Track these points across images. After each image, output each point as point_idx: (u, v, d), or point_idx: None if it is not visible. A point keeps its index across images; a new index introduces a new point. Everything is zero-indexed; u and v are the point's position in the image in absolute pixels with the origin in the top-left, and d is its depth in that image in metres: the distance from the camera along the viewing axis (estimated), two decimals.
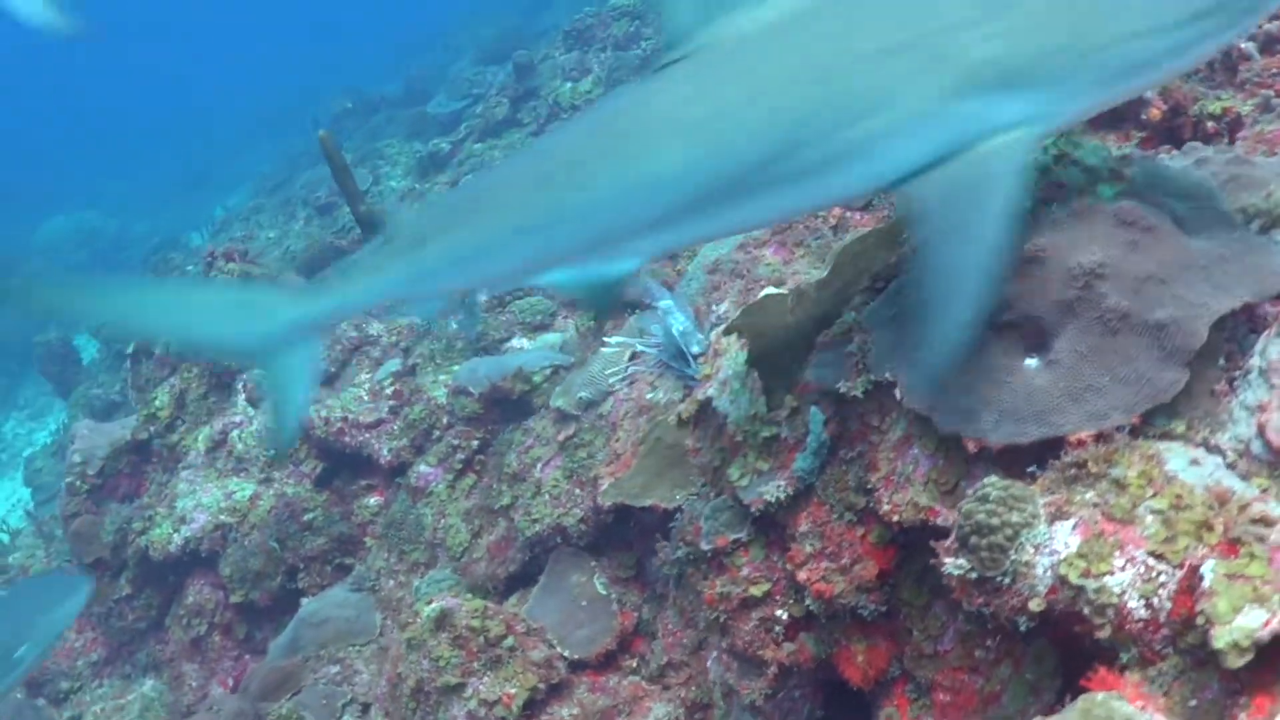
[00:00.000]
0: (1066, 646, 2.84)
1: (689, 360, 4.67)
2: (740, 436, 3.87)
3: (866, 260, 3.77)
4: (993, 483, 2.71)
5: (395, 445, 7.28)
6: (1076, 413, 2.74)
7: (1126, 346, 2.74)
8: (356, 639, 6.37)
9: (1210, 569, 2.32)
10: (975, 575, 2.70)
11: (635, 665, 5.22)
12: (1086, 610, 2.48)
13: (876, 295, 3.51)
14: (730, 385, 3.98)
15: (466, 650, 4.96)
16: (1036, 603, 2.59)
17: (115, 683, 7.88)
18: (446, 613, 5.04)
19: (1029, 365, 2.88)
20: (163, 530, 7.65)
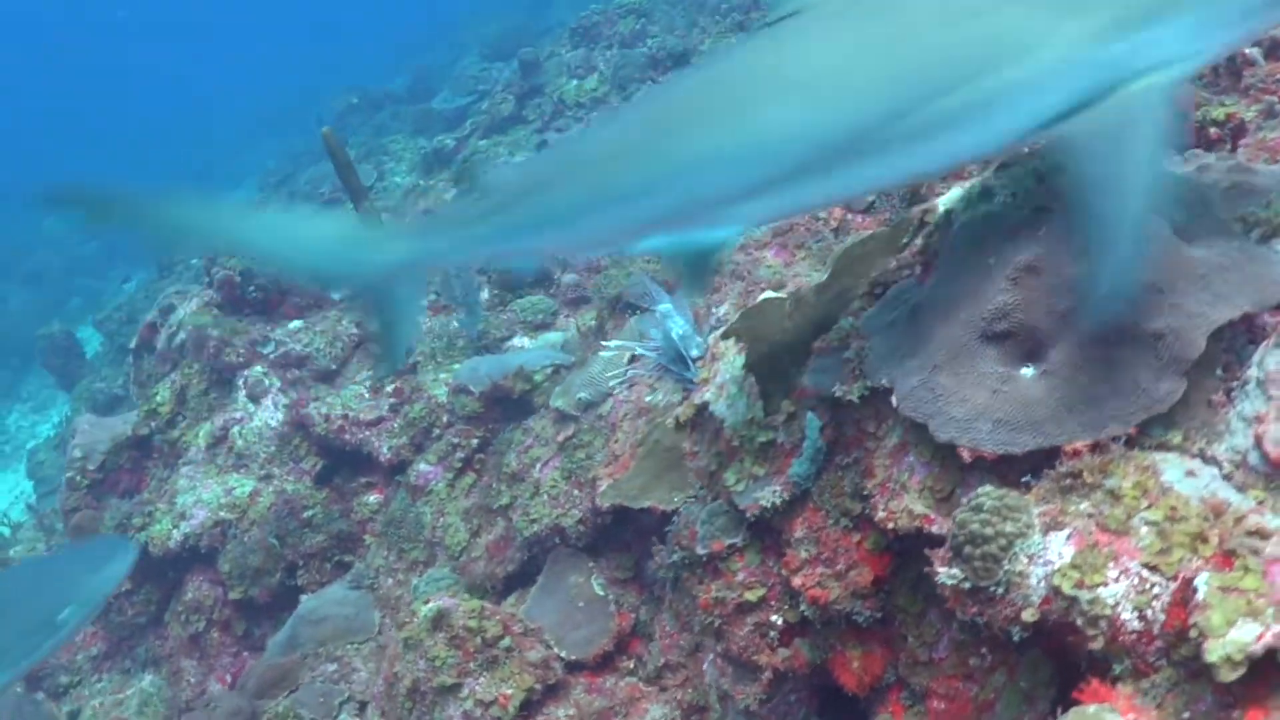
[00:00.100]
0: (1061, 656, 2.83)
1: (688, 364, 4.65)
2: (737, 441, 3.86)
3: (865, 265, 3.76)
4: (987, 492, 2.70)
5: (395, 443, 7.27)
6: (1072, 422, 2.73)
7: (1123, 356, 2.73)
8: (355, 637, 6.36)
9: (1204, 581, 2.32)
10: (969, 585, 2.69)
11: (632, 666, 5.20)
12: (1080, 621, 2.47)
13: (875, 301, 3.50)
14: (727, 389, 3.98)
15: (463, 650, 4.95)
16: (1030, 613, 2.58)
17: (114, 677, 7.87)
18: (443, 613, 5.04)
19: (1025, 374, 2.86)
20: (162, 526, 7.64)
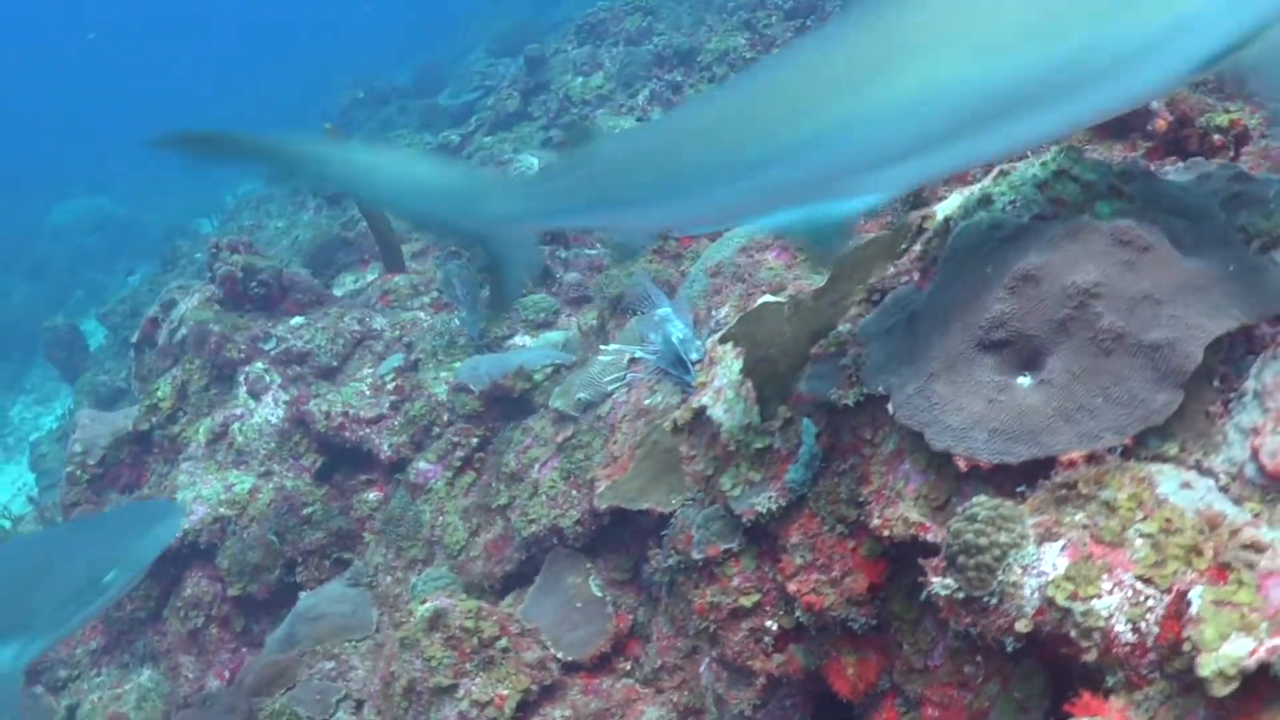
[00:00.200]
0: (1055, 666, 2.82)
1: (687, 367, 4.64)
2: (733, 446, 3.85)
3: (864, 270, 3.75)
4: (981, 502, 2.69)
5: (395, 441, 7.26)
6: (1068, 433, 2.72)
7: (1120, 367, 2.72)
8: (352, 635, 6.35)
9: (1198, 595, 2.31)
10: (962, 595, 2.68)
11: (629, 668, 5.18)
12: (1073, 633, 2.47)
13: (872, 307, 3.49)
14: (724, 394, 3.97)
15: (459, 651, 4.94)
16: (1024, 624, 2.58)
17: (113, 671, 7.86)
18: (440, 613, 5.03)
19: (1021, 384, 2.85)
20: None
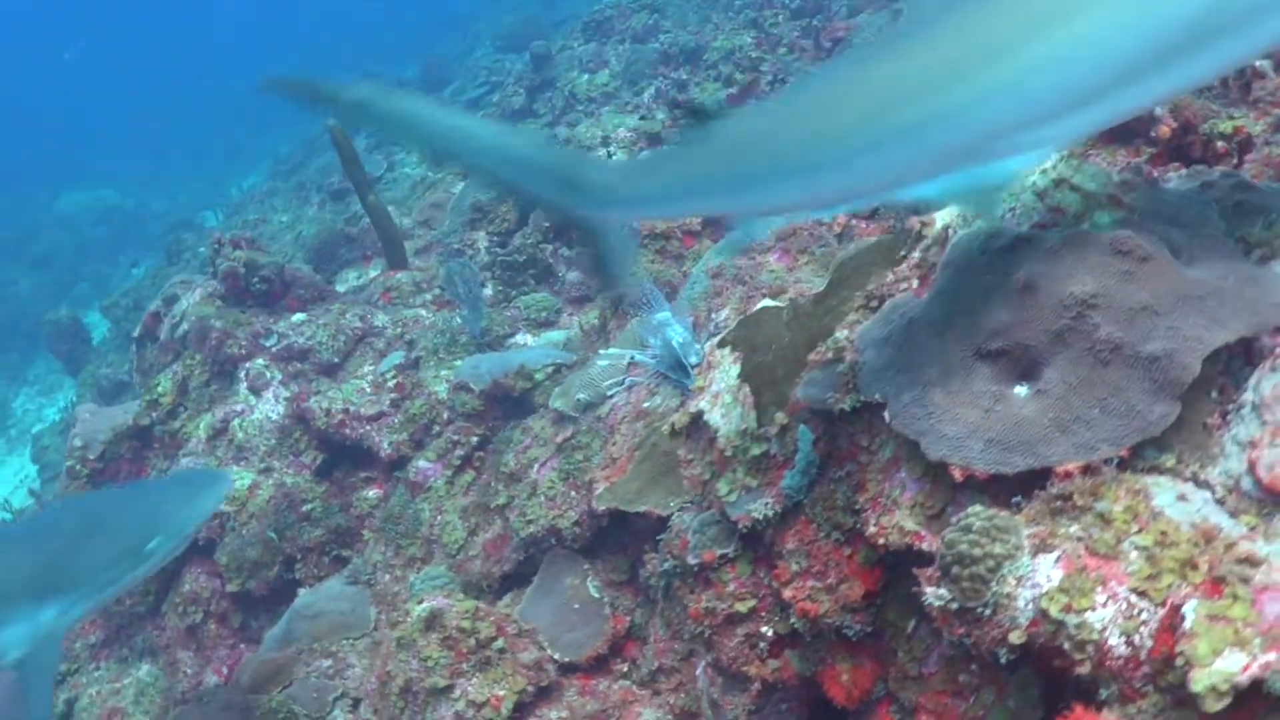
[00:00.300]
0: (1050, 675, 2.81)
1: (687, 371, 4.62)
2: (730, 451, 3.84)
3: (863, 276, 3.74)
4: (976, 512, 2.68)
5: (395, 439, 7.23)
6: (1064, 444, 2.71)
7: (1117, 378, 2.71)
8: (350, 632, 6.32)
9: (1192, 609, 2.30)
10: (956, 605, 2.68)
11: (626, 669, 5.16)
12: (1067, 645, 2.46)
13: (871, 313, 3.48)
14: (722, 399, 3.96)
15: (456, 651, 4.93)
16: (1017, 635, 2.57)
17: (112, 666, 7.85)
18: (437, 613, 5.02)
19: (1018, 394, 2.84)
20: None
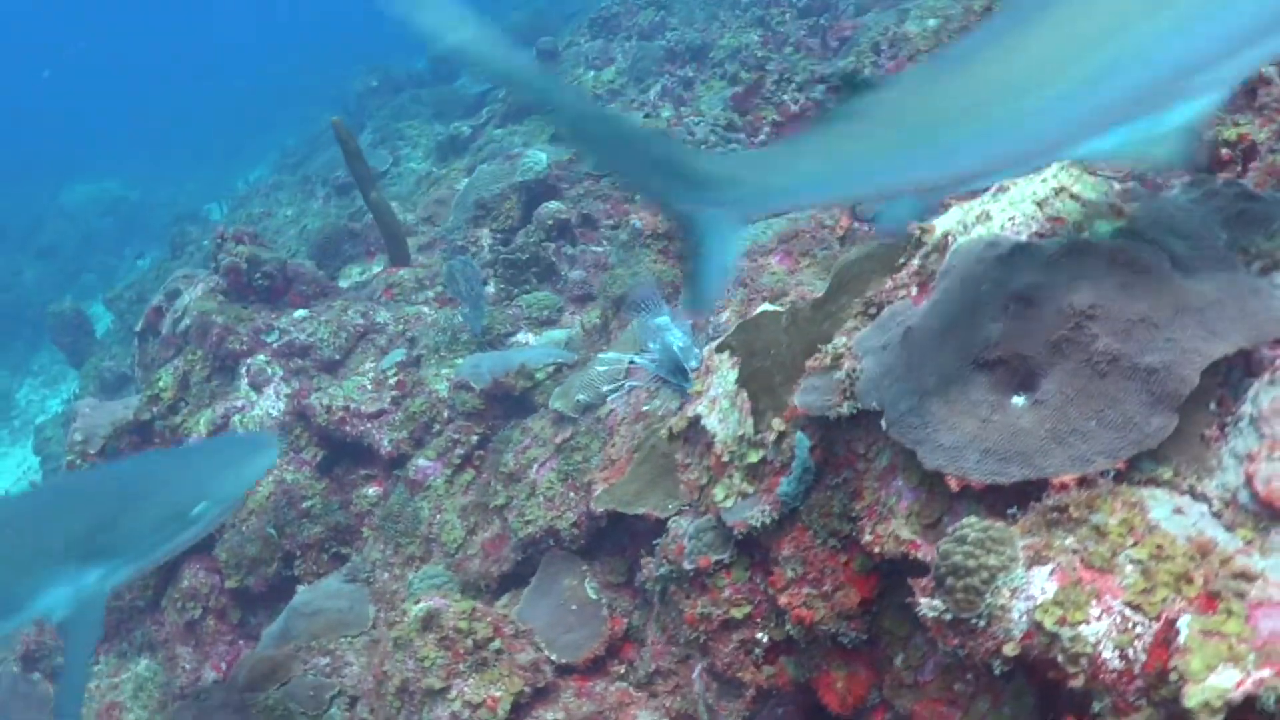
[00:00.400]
0: (1045, 685, 2.80)
1: (686, 375, 4.60)
2: (727, 457, 3.83)
3: (862, 283, 3.72)
4: (971, 523, 2.67)
5: (396, 437, 7.22)
6: (1061, 455, 2.70)
7: (1115, 390, 2.70)
8: (348, 630, 6.31)
9: (1187, 624, 2.30)
10: (950, 616, 2.66)
11: (623, 671, 5.15)
12: (1061, 658, 2.45)
13: (869, 320, 3.46)
14: (719, 404, 3.95)
15: (453, 652, 4.92)
16: (1011, 647, 2.56)
17: (111, 660, 7.86)
18: (434, 613, 5.01)
19: (1015, 404, 2.83)
20: None
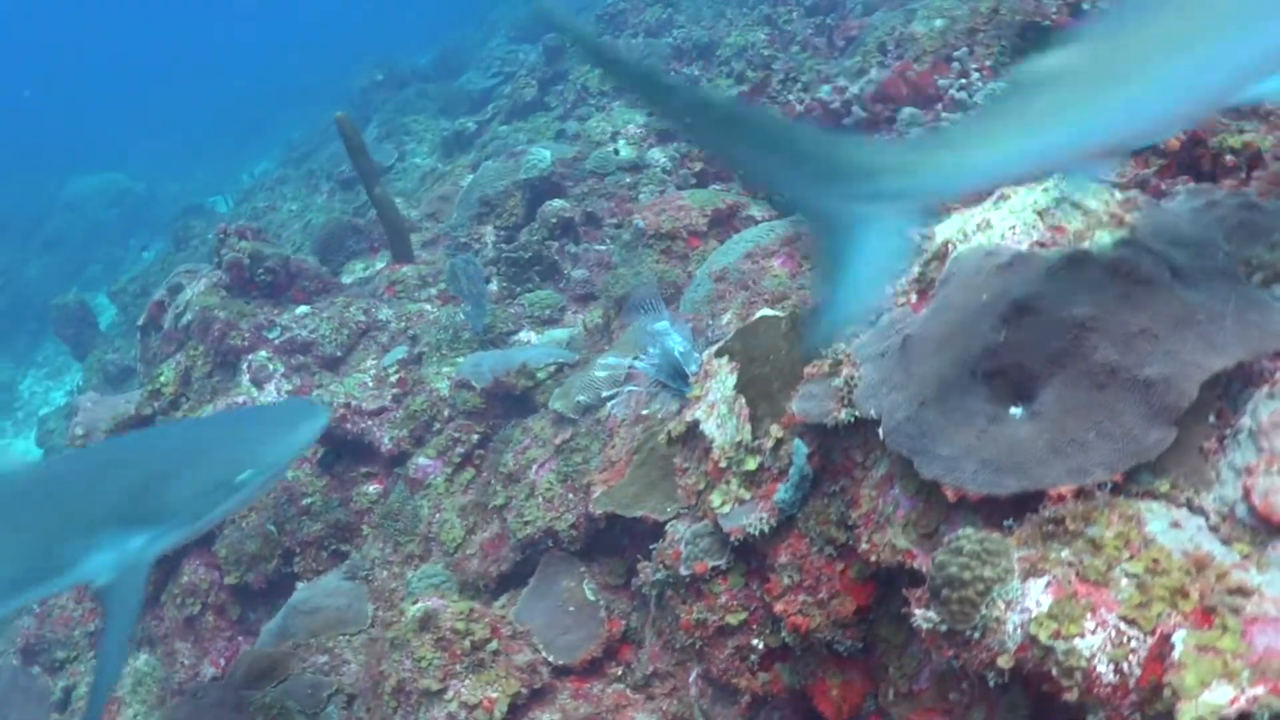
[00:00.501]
0: (1040, 696, 2.80)
1: (686, 379, 4.58)
2: (724, 463, 3.82)
3: None
4: (967, 535, 2.66)
5: (396, 435, 7.21)
6: (1058, 467, 2.69)
7: (1113, 402, 2.69)
8: (347, 628, 6.30)
9: (1181, 639, 2.29)
10: (945, 628, 2.66)
11: (620, 673, 5.14)
12: (1055, 671, 2.44)
13: (869, 328, 3.45)
14: (718, 409, 3.94)
15: (450, 653, 4.92)
16: (1005, 659, 2.55)
17: None
18: (431, 614, 5.00)
19: (1013, 414, 2.82)
20: None
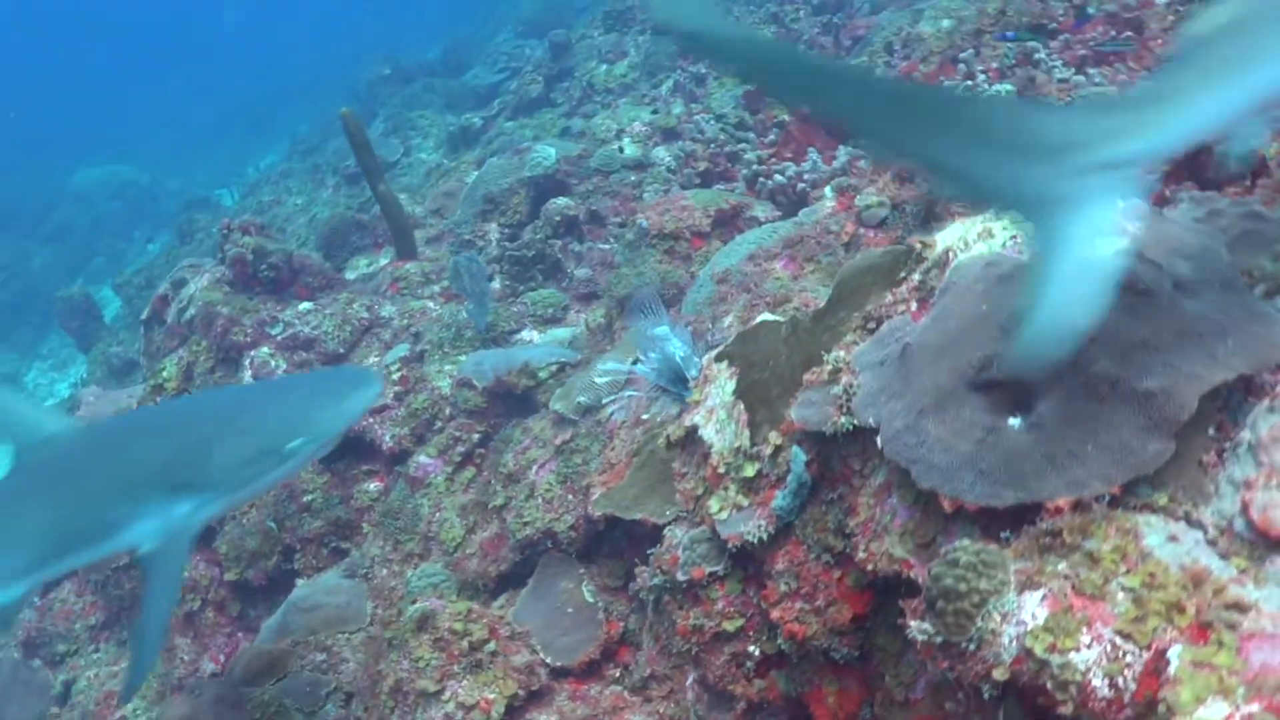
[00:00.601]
0: (1035, 710, 2.79)
1: (687, 384, 4.56)
2: (722, 468, 3.81)
3: (862, 296, 3.70)
4: (964, 547, 2.65)
5: (397, 432, 7.20)
6: (1055, 479, 2.67)
7: (1112, 414, 2.67)
8: (346, 626, 6.29)
9: (1177, 654, 2.28)
10: (940, 639, 2.65)
11: (618, 675, 5.13)
12: (1050, 684, 2.43)
13: (868, 335, 3.44)
14: (717, 415, 3.93)
15: (447, 653, 4.91)
16: (1000, 671, 2.54)
17: (111, 649, 7.88)
18: (429, 614, 5.00)
19: (1011, 425, 2.81)
20: None
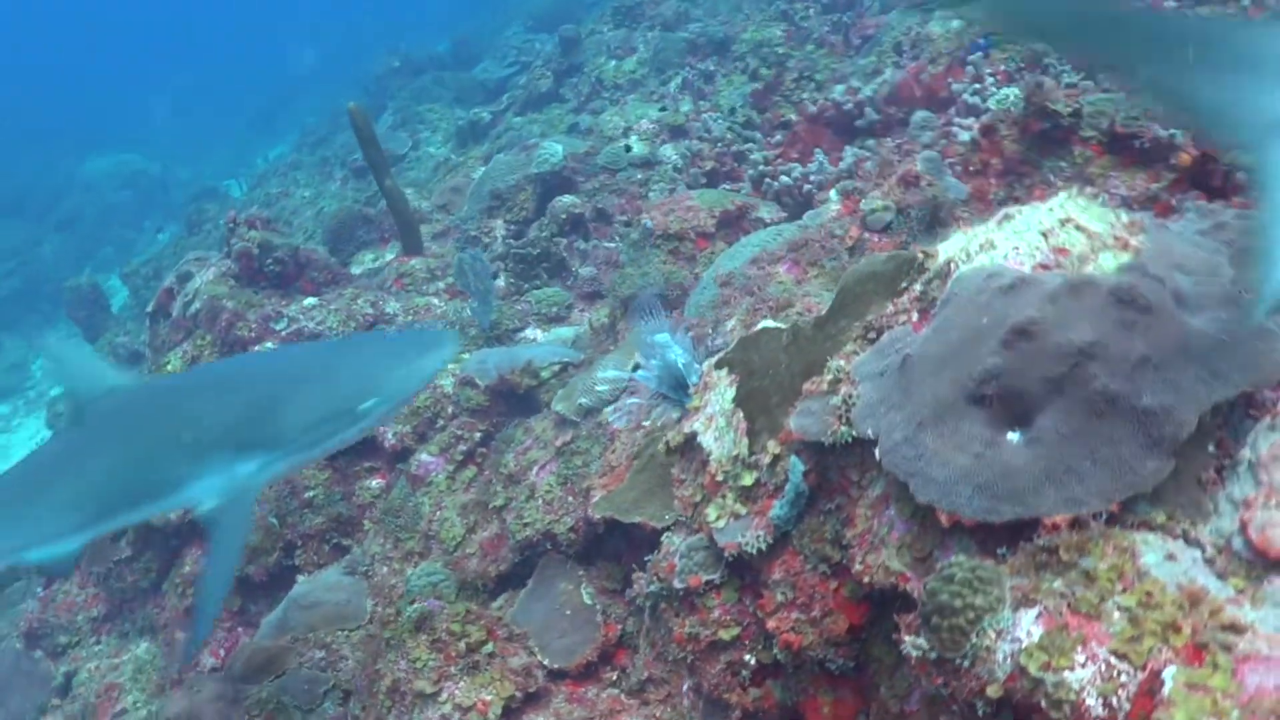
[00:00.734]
0: None
1: (687, 390, 4.54)
2: (721, 476, 3.80)
3: (863, 305, 3.68)
4: (960, 562, 2.64)
5: (400, 430, 7.20)
6: (1053, 496, 2.66)
7: (1111, 430, 2.66)
8: (345, 624, 6.27)
9: (1172, 675, 2.27)
10: (935, 655, 2.63)
11: (615, 678, 5.12)
12: (1044, 703, 2.42)
13: (869, 345, 3.42)
14: (716, 422, 3.92)
15: (445, 654, 4.91)
16: (994, 689, 2.53)
17: (112, 641, 7.88)
18: (427, 614, 5.00)
19: (1010, 440, 2.79)
20: None
